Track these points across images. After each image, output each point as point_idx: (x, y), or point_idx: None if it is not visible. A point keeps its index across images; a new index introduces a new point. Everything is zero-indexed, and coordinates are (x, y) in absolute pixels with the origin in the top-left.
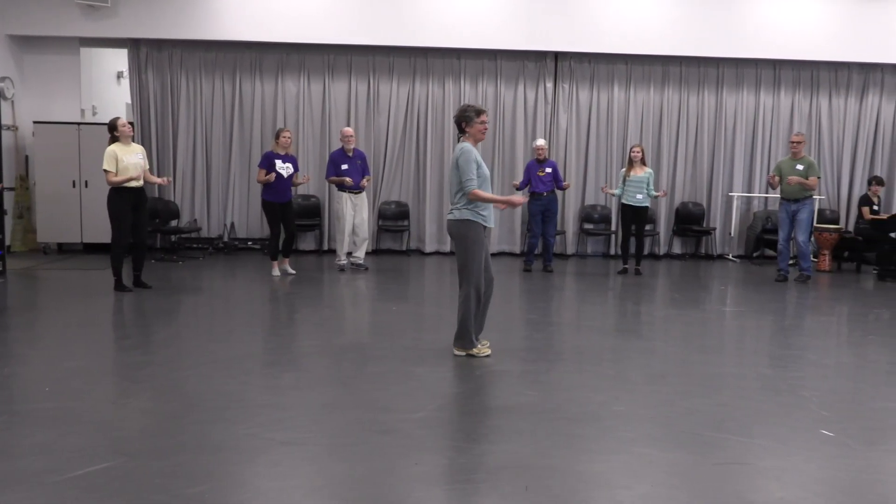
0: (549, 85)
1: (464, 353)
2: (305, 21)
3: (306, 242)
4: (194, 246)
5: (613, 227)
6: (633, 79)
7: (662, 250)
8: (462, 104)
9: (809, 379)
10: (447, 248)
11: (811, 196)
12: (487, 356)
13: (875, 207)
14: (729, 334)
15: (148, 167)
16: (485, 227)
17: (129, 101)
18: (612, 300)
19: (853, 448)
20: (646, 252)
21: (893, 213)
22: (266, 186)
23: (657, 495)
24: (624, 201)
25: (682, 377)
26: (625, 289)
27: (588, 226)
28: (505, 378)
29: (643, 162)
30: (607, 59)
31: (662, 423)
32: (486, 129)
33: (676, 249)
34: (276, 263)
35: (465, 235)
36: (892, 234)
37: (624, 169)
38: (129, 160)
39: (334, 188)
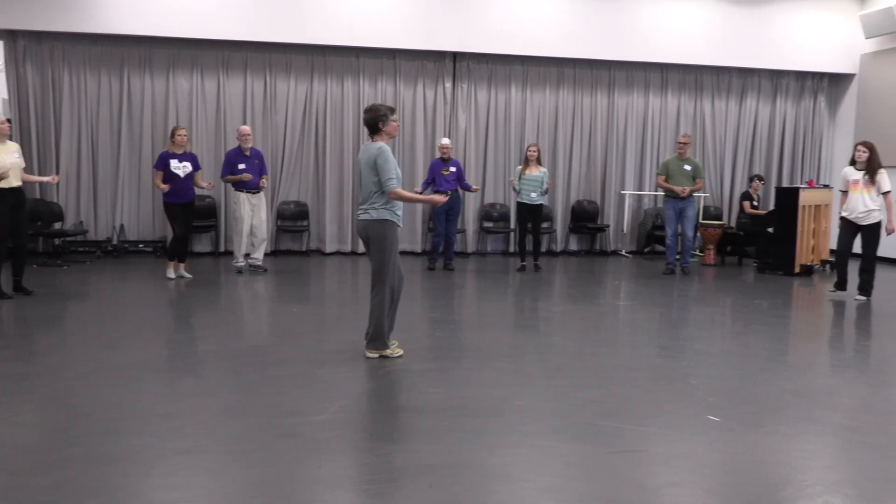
0: (448, 85)
1: (377, 355)
2: (199, 16)
3: (202, 244)
4: (80, 249)
5: (512, 225)
6: (530, 80)
7: (559, 247)
8: (372, 104)
9: (697, 367)
10: (348, 248)
11: (692, 196)
12: (400, 356)
13: (755, 203)
14: (623, 327)
15: (24, 166)
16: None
17: (6, 97)
18: (511, 297)
19: (737, 431)
20: (543, 249)
21: (771, 209)
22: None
23: (557, 486)
24: (520, 200)
25: (579, 370)
26: (524, 285)
27: (488, 224)
28: (408, 377)
29: (539, 161)
30: (504, 60)
31: (561, 416)
32: (398, 126)
33: (573, 246)
34: (171, 264)
35: (383, 236)
36: (770, 229)
37: (520, 167)
38: (5, 159)
39: (230, 188)
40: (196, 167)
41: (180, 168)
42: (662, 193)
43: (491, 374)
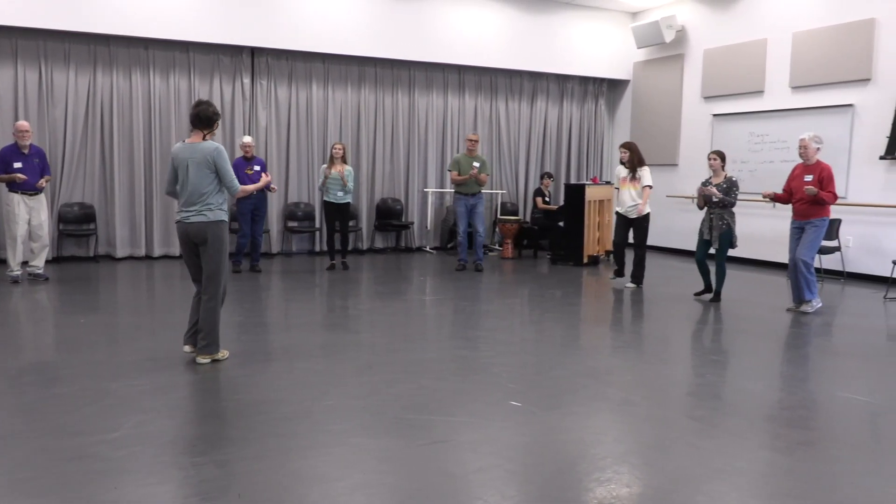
0: (247, 81)
1: (209, 360)
2: None
3: None
4: None
5: (317, 224)
6: (332, 78)
7: (365, 245)
8: (200, 99)
9: (499, 356)
10: (142, 251)
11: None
12: (227, 358)
13: (547, 199)
14: (429, 321)
15: None
16: None
17: None
18: (319, 296)
19: (537, 414)
20: (350, 247)
21: (561, 204)
22: None
23: (369, 483)
24: (326, 198)
25: (388, 366)
26: (332, 285)
27: (292, 223)
28: (213, 383)
29: (344, 160)
30: (305, 57)
31: (372, 412)
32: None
33: (379, 244)
34: None
35: (221, 238)
36: (561, 223)
37: (325, 166)
38: None
39: (4, 189)
40: None
41: None
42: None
43: (300, 376)
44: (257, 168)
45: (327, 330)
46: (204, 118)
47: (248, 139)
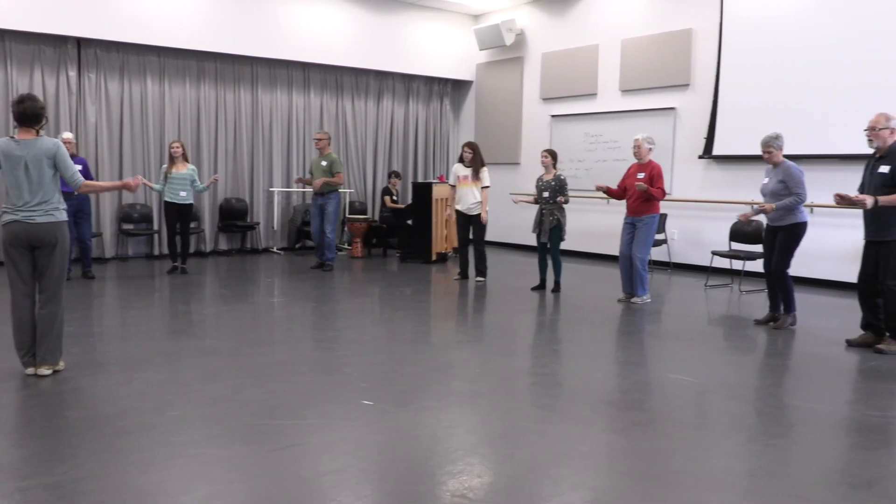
0: (73, 74)
1: (50, 371)
2: None
3: None
4: None
5: (156, 227)
6: (168, 72)
7: (209, 247)
8: (27, 94)
9: (351, 356)
10: None
11: (336, 190)
12: (63, 368)
13: (395, 198)
14: (278, 324)
15: None
16: None
17: None
18: (160, 302)
19: (389, 411)
20: (192, 250)
21: (409, 202)
22: None
23: (218, 493)
24: (167, 199)
25: (235, 371)
26: (173, 289)
27: (128, 226)
28: (40, 399)
29: (185, 158)
30: (138, 49)
31: (218, 420)
32: None
33: (223, 245)
34: None
35: (66, 239)
36: (409, 221)
37: (165, 166)
38: None
39: None
40: None
41: None
42: (310, 190)
43: (140, 387)
44: (79, 167)
45: (169, 337)
46: (32, 115)
47: (67, 135)
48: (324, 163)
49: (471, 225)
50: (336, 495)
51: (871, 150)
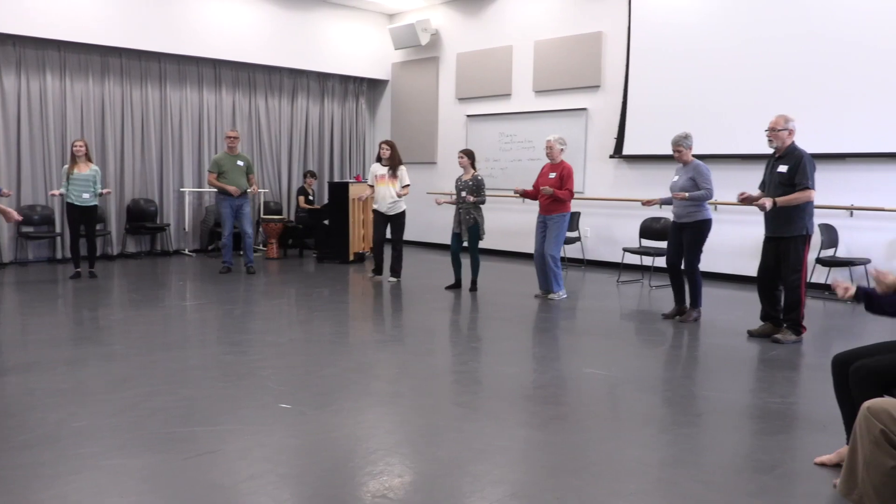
0: None
1: None
2: None
3: None
4: None
5: (59, 229)
6: (70, 68)
7: (116, 250)
8: None
9: (267, 359)
10: None
11: (248, 192)
12: None
13: (311, 198)
14: (191, 328)
15: None
16: None
17: None
18: (64, 308)
19: (308, 414)
20: (99, 253)
21: (325, 202)
22: None
23: None
24: (69, 201)
25: (147, 378)
26: (78, 294)
27: (27, 229)
28: None
29: (88, 158)
30: (36, 43)
31: (128, 429)
32: None
33: (131, 248)
34: None
35: None
36: (326, 221)
37: (66, 166)
38: None
39: None
40: None
41: None
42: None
43: (42, 397)
44: None
45: (74, 344)
46: None
47: None
48: (240, 162)
49: (387, 224)
50: (254, 502)
51: (771, 150)
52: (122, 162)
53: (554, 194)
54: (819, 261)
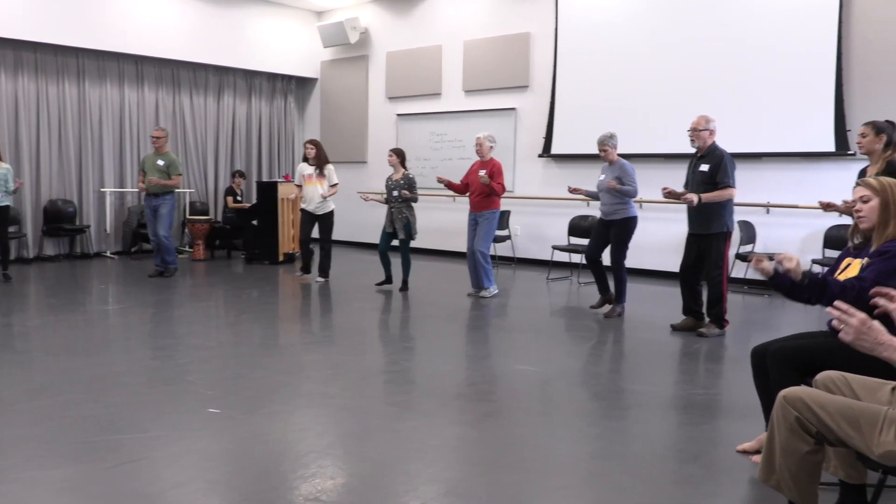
0: None
1: None
2: None
3: None
4: None
5: None
6: None
7: (32, 253)
8: None
9: (194, 363)
10: None
11: (172, 192)
12: None
13: (238, 198)
14: (114, 333)
15: None
16: None
17: None
18: None
19: (237, 419)
20: (13, 256)
21: (254, 202)
22: None
23: None
24: None
25: (66, 385)
26: None
27: None
28: None
29: (0, 157)
30: None
31: (48, 439)
32: None
33: (48, 251)
34: None
35: None
36: (254, 222)
37: None
38: None
39: None
40: None
41: None
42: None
43: None
44: None
45: None
46: None
47: None
48: (160, 162)
49: (314, 223)
50: None
51: (693, 150)
52: (38, 161)
53: (490, 184)
54: (739, 256)
